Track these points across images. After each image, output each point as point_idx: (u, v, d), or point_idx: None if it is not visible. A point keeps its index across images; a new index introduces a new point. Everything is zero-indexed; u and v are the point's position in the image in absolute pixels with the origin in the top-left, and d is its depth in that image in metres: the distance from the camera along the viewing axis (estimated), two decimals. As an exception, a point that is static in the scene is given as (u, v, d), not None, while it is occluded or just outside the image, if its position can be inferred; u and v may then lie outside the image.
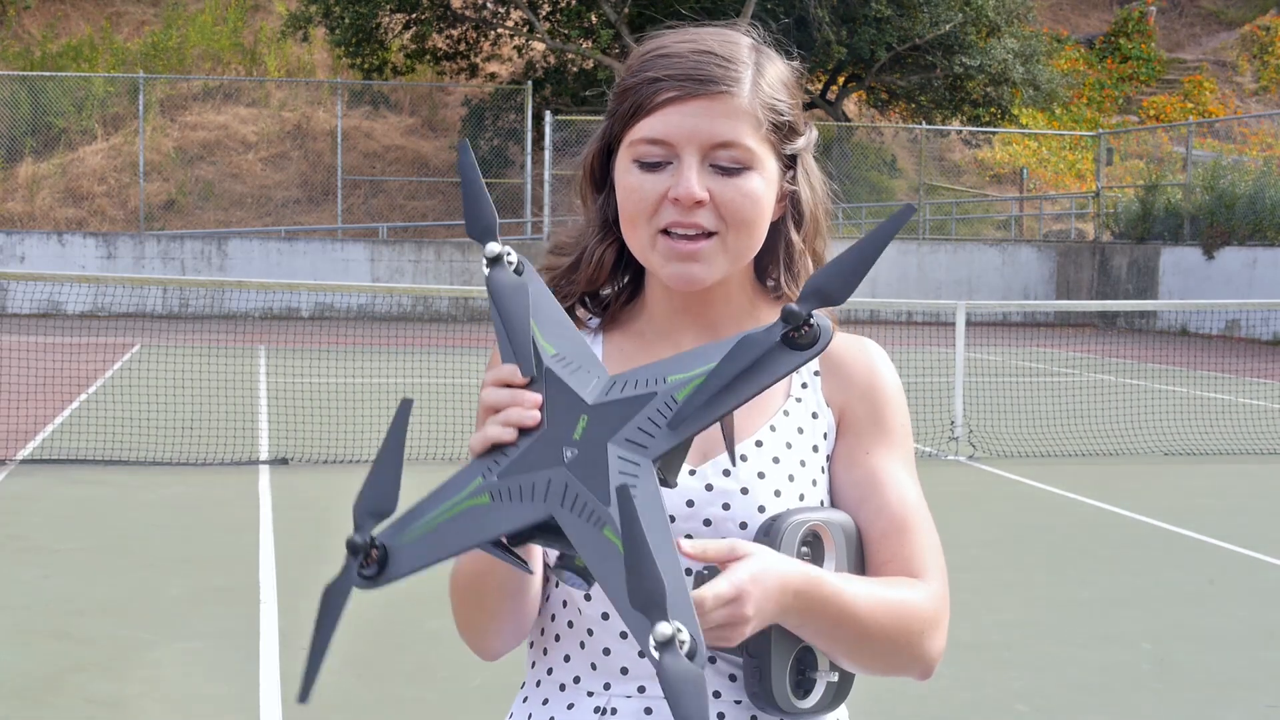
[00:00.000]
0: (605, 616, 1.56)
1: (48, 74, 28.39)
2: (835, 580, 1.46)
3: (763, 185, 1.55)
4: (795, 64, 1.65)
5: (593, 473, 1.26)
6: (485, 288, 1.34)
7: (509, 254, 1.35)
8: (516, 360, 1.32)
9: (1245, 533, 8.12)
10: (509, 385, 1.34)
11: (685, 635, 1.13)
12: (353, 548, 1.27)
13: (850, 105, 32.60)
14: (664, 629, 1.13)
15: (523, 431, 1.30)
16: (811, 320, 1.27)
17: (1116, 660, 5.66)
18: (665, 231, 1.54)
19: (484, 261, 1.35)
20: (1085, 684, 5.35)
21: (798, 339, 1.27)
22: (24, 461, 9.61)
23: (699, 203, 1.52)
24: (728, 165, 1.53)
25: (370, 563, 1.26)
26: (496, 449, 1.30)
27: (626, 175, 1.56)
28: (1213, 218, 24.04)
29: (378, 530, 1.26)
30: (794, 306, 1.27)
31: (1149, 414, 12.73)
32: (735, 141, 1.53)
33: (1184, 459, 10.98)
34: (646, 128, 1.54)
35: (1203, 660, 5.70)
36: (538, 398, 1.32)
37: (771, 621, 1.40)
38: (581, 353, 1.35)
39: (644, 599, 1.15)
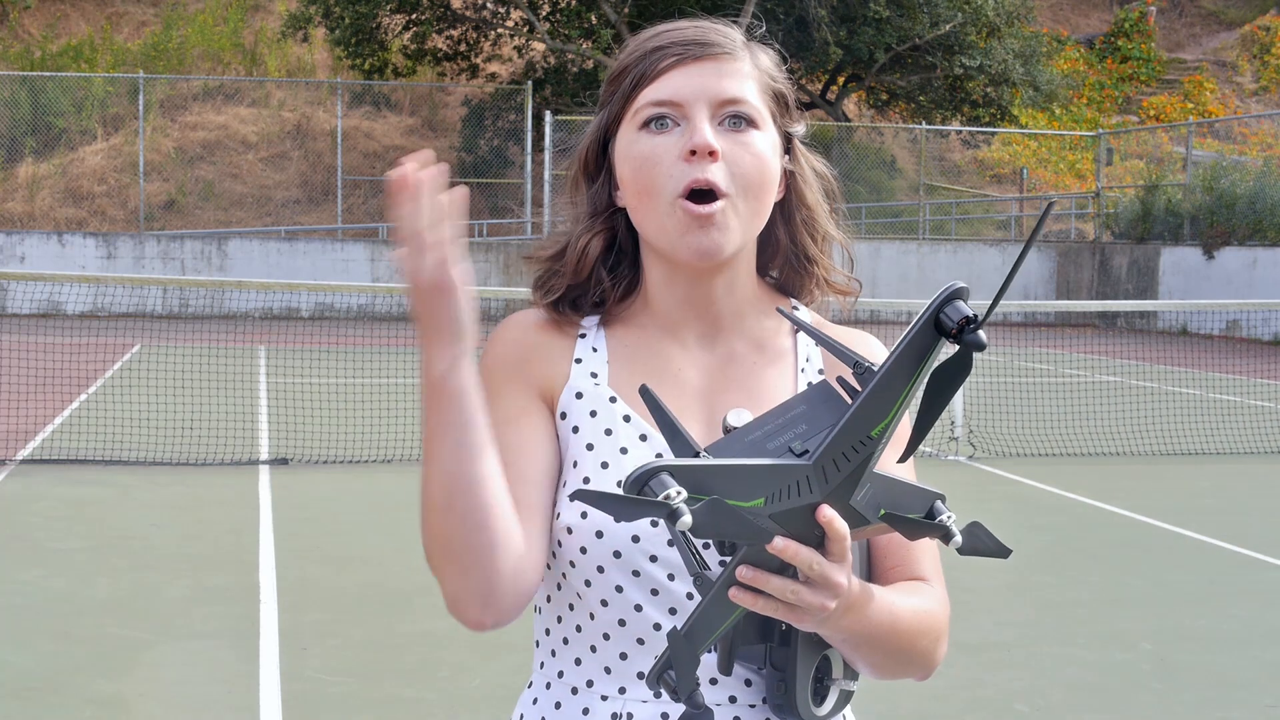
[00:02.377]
0: (622, 623, 1.55)
1: (48, 74, 28.39)
2: (883, 591, 1.48)
3: (769, 148, 1.56)
4: (775, 49, 1.65)
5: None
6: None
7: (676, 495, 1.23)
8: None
9: (1245, 533, 8.12)
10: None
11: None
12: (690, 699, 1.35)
13: (850, 105, 32.60)
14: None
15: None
16: (976, 322, 1.25)
17: (1116, 660, 5.66)
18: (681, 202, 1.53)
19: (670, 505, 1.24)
20: (1085, 684, 5.35)
21: (957, 333, 1.25)
22: (24, 461, 9.61)
23: (713, 153, 1.51)
24: (735, 123, 1.54)
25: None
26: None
27: (635, 145, 1.55)
28: (1213, 218, 24.05)
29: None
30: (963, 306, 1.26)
31: (1149, 414, 12.73)
32: (743, 98, 1.54)
33: (1184, 459, 10.98)
34: (653, 92, 1.54)
35: (1203, 660, 5.70)
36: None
37: (845, 616, 1.38)
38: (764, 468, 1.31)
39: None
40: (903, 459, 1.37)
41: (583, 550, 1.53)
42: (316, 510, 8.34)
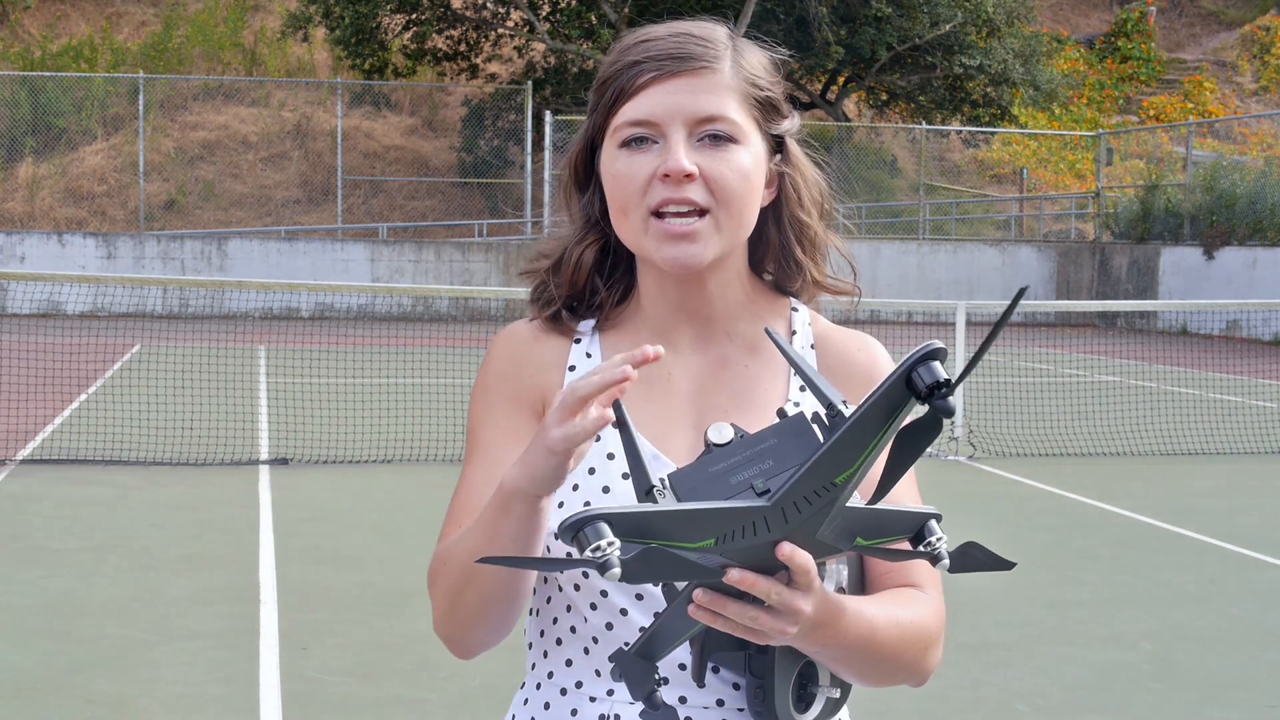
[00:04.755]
0: (609, 627, 1.55)
1: (48, 74, 28.38)
2: (862, 604, 1.46)
3: (750, 161, 1.54)
4: (772, 52, 1.63)
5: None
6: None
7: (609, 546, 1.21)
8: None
9: (1245, 533, 8.12)
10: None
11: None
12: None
13: (850, 105, 32.59)
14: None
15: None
16: (947, 388, 1.22)
17: (1116, 660, 5.66)
18: (657, 215, 1.52)
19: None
20: (1085, 684, 5.35)
21: (931, 396, 1.22)
22: (24, 461, 9.61)
23: (689, 176, 1.50)
24: (714, 140, 1.52)
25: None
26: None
27: (613, 162, 1.55)
28: (1213, 218, 24.05)
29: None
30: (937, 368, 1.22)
31: (1149, 414, 12.72)
32: (720, 115, 1.52)
33: (1184, 459, 10.98)
34: (630, 110, 1.53)
35: (1203, 660, 5.70)
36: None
37: (812, 634, 1.38)
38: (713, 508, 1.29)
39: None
40: (870, 503, 1.34)
41: (568, 555, 1.53)
42: (316, 510, 8.34)
